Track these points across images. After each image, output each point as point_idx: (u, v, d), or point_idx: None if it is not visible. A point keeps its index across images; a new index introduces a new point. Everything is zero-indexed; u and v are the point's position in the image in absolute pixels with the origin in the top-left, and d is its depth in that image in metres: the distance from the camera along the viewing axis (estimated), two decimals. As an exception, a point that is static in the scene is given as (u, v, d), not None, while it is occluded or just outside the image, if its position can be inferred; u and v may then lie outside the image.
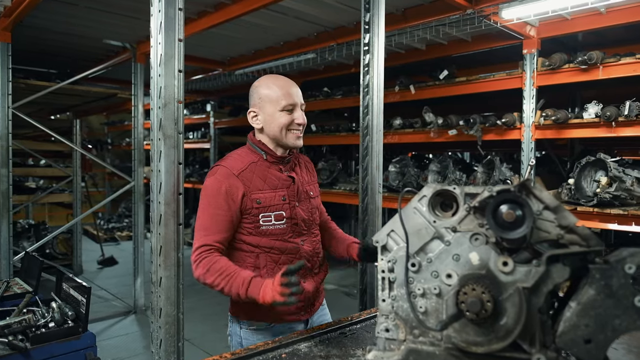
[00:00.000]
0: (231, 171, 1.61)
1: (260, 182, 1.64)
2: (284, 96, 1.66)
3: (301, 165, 1.82)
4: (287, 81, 1.72)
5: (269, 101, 1.67)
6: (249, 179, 1.62)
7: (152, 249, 1.70)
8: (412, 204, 1.11)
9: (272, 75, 1.76)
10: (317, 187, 1.87)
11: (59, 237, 6.58)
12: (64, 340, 2.10)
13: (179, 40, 1.68)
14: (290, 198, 1.67)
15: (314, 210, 1.76)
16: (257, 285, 1.43)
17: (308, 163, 1.89)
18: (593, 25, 3.53)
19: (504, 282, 0.98)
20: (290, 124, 1.66)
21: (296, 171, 1.76)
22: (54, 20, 3.98)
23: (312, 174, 1.87)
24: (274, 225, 1.63)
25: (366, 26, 2.52)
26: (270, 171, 1.67)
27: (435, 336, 1.04)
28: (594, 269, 0.92)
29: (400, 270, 1.09)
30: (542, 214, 0.99)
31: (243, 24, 4.02)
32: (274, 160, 1.69)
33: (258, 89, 1.71)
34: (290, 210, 1.66)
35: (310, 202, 1.75)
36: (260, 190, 1.63)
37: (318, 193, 1.85)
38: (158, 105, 1.65)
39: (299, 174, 1.76)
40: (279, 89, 1.67)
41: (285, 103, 1.65)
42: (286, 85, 1.69)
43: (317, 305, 1.79)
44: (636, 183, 3.43)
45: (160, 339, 1.67)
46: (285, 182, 1.68)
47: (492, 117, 4.13)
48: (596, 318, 0.91)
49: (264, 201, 1.62)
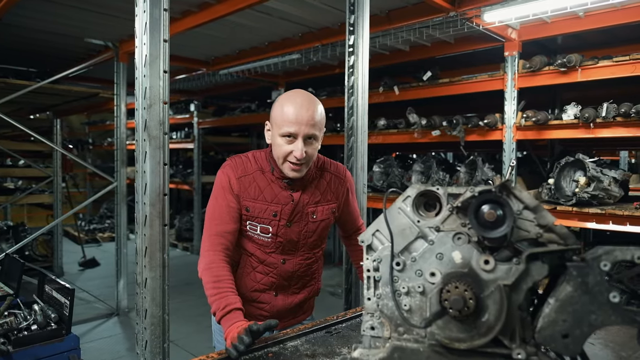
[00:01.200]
0: (235, 172, 1.62)
1: (257, 191, 1.61)
2: (286, 122, 1.51)
3: (321, 181, 1.69)
4: (301, 104, 1.52)
5: (274, 122, 1.57)
6: (246, 185, 1.61)
7: (137, 250, 1.70)
8: (397, 204, 1.13)
9: (294, 93, 1.58)
10: (333, 207, 1.71)
11: (39, 239, 6.46)
12: (47, 343, 2.07)
13: (164, 41, 1.68)
14: (282, 216, 1.61)
15: (309, 234, 1.67)
16: (231, 320, 1.42)
17: (336, 178, 1.73)
18: (572, 28, 3.62)
19: (486, 279, 1.01)
20: (287, 154, 1.54)
21: (305, 189, 1.65)
22: (34, 18, 3.92)
23: (333, 192, 1.71)
24: (259, 235, 1.63)
25: (351, 27, 2.55)
26: (271, 185, 1.62)
27: (419, 333, 1.06)
28: (571, 267, 0.95)
29: (385, 269, 1.11)
30: (522, 213, 1.02)
31: (227, 23, 4.01)
32: (279, 176, 1.62)
33: (274, 104, 1.60)
34: (278, 228, 1.62)
35: (308, 225, 1.66)
36: (254, 200, 1.61)
37: (328, 215, 1.70)
38: (143, 106, 1.64)
39: (308, 193, 1.65)
40: (287, 112, 1.52)
41: (284, 130, 1.52)
42: (297, 110, 1.51)
43: (290, 321, 1.75)
44: (613, 183, 3.52)
45: (146, 340, 1.66)
46: (284, 199, 1.62)
47: (475, 118, 4.20)
48: (573, 314, 0.94)
49: (253, 211, 1.61)
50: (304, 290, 1.77)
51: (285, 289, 1.72)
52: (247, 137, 9.00)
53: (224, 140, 8.80)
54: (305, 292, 1.77)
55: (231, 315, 1.44)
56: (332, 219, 1.74)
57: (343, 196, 1.76)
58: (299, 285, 1.74)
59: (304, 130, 1.52)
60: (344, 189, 1.76)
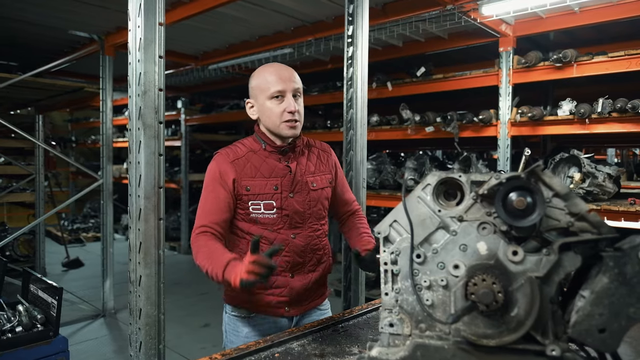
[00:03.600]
0: (227, 157, 1.61)
1: (253, 169, 1.61)
2: (271, 83, 1.59)
3: (310, 155, 1.74)
4: (279, 67, 1.64)
5: (260, 90, 1.62)
6: (242, 165, 1.60)
7: (130, 245, 1.60)
8: (416, 193, 1.06)
9: (268, 64, 1.68)
10: (328, 178, 1.75)
11: (20, 239, 6.26)
12: (34, 345, 1.94)
13: (160, 24, 1.59)
14: (283, 188, 1.61)
15: (313, 203, 1.67)
16: (232, 270, 1.36)
17: (323, 152, 1.79)
18: (567, 24, 3.61)
19: (514, 272, 0.95)
20: (281, 113, 1.59)
21: (299, 161, 1.68)
22: (15, 9, 3.77)
23: (325, 164, 1.76)
24: (263, 214, 1.60)
25: (350, 17, 2.48)
26: (267, 160, 1.63)
27: (442, 330, 0.99)
28: (607, 257, 0.89)
29: (405, 261, 1.04)
30: (551, 201, 0.96)
31: (218, 16, 3.91)
32: (272, 149, 1.65)
33: (252, 79, 1.67)
34: (282, 201, 1.60)
35: (310, 194, 1.66)
36: (252, 178, 1.60)
37: (326, 185, 1.73)
38: (137, 92, 1.55)
39: (302, 164, 1.68)
40: (269, 75, 1.60)
41: (273, 90, 1.59)
42: (276, 71, 1.61)
43: (307, 304, 1.71)
44: (608, 179, 3.52)
45: (140, 341, 1.57)
46: (281, 171, 1.63)
47: (469, 114, 4.17)
48: (610, 307, 0.88)
49: (253, 188, 1.59)
50: (319, 267, 1.71)
51: (301, 267, 1.66)
52: (235, 134, 8.87)
53: (212, 138, 8.65)
54: (320, 269, 1.72)
55: (231, 265, 1.37)
56: (330, 191, 1.76)
57: (333, 169, 1.80)
58: (313, 261, 1.69)
59: (290, 85, 1.60)
60: (332, 162, 1.80)
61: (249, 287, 1.28)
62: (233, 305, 1.67)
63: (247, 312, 1.65)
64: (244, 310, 1.65)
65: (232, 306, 1.68)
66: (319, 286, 1.74)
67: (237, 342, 1.63)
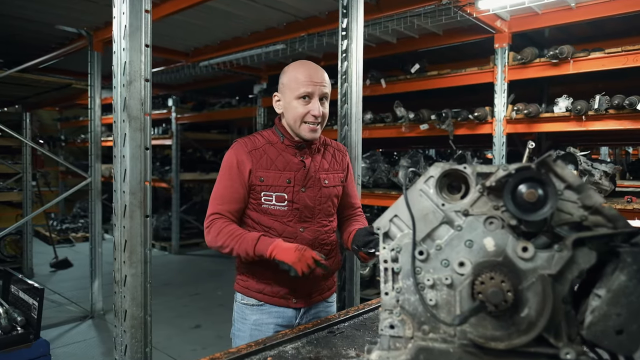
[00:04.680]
0: (245, 147, 1.64)
1: (268, 161, 1.64)
2: (301, 83, 1.60)
3: (326, 153, 1.77)
4: (312, 69, 1.64)
5: (288, 88, 1.63)
6: (258, 156, 1.63)
7: (115, 244, 1.52)
8: (418, 186, 0.99)
9: (302, 61, 1.69)
10: (340, 177, 1.78)
11: (7, 239, 6.13)
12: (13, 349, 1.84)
13: (146, 12, 1.52)
14: (296, 182, 1.64)
15: (324, 200, 1.70)
16: (266, 242, 1.50)
17: (338, 152, 1.82)
18: (562, 20, 3.57)
19: (524, 269, 0.89)
20: (305, 115, 1.61)
21: (314, 157, 1.71)
22: (1, 3, 3.66)
23: (339, 163, 1.80)
24: (274, 206, 1.63)
25: (344, 10, 2.41)
26: (283, 154, 1.66)
27: (447, 332, 0.93)
28: (624, 253, 0.83)
29: (406, 259, 0.97)
30: (563, 193, 0.90)
31: (209, 10, 3.83)
32: (289, 144, 1.68)
33: (283, 74, 1.68)
34: (294, 195, 1.64)
35: (322, 190, 1.69)
36: (266, 169, 1.63)
37: (338, 183, 1.77)
38: (122, 82, 1.48)
39: (317, 161, 1.71)
40: (300, 75, 1.61)
41: (302, 91, 1.60)
42: (309, 71, 1.62)
43: (315, 297, 1.73)
44: (604, 177, 3.49)
45: (125, 344, 1.50)
46: (296, 166, 1.65)
47: (464, 111, 4.12)
48: (628, 306, 0.82)
49: (267, 180, 1.62)
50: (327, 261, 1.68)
51: None
52: (227, 133, 8.77)
53: (204, 136, 8.54)
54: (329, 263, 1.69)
55: (262, 239, 1.52)
56: (340, 189, 1.79)
57: (346, 170, 1.83)
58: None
59: (320, 89, 1.61)
60: (346, 163, 1.84)
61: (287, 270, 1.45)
62: (243, 294, 1.71)
63: (256, 301, 1.68)
64: (252, 299, 1.69)
65: (242, 294, 1.72)
66: (327, 280, 1.78)
67: (244, 329, 1.69)
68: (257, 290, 1.68)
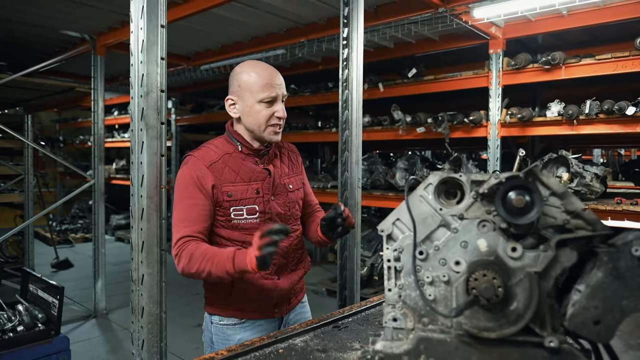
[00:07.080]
0: (202, 162, 1.55)
1: (232, 174, 1.57)
2: (265, 87, 1.56)
3: (282, 156, 1.74)
4: (270, 70, 1.60)
5: (249, 91, 1.57)
6: (219, 170, 1.56)
7: (132, 245, 1.62)
8: (418, 192, 1.10)
9: (255, 62, 1.63)
10: (300, 178, 1.77)
11: (9, 240, 6.19)
12: (35, 345, 1.93)
13: (162, 27, 1.61)
14: (264, 191, 1.60)
15: (292, 205, 1.68)
16: (243, 256, 1.38)
17: (292, 153, 1.80)
18: (555, 27, 3.69)
19: (513, 267, 0.99)
20: (269, 118, 1.57)
21: (274, 163, 1.67)
22: (6, 8, 3.74)
23: (295, 165, 1.78)
24: (246, 219, 1.57)
25: (345, 20, 2.51)
26: (244, 163, 1.60)
27: (445, 323, 1.03)
28: (602, 253, 0.94)
29: (407, 258, 1.08)
30: (548, 199, 1.00)
31: (211, 17, 3.92)
32: (249, 152, 1.62)
33: (238, 76, 1.60)
34: (264, 205, 1.59)
35: (288, 195, 1.67)
36: (232, 183, 1.56)
37: (300, 185, 1.75)
38: (140, 93, 1.57)
39: (278, 167, 1.68)
40: (261, 78, 1.56)
41: (265, 95, 1.56)
42: (269, 74, 1.58)
43: (293, 302, 1.75)
44: (595, 179, 3.61)
45: (143, 339, 1.59)
46: (260, 175, 1.61)
47: (460, 115, 4.23)
48: (605, 300, 0.93)
49: (235, 194, 1.56)
50: (300, 265, 1.75)
51: (285, 268, 1.68)
52: (226, 135, 8.85)
53: (203, 138, 8.62)
54: (301, 267, 1.76)
55: (238, 254, 1.40)
56: (302, 191, 1.77)
57: (301, 169, 1.81)
58: (295, 261, 1.72)
59: (282, 91, 1.60)
60: (299, 162, 1.82)
61: (267, 260, 1.31)
62: (221, 315, 1.65)
63: (238, 320, 1.63)
64: (232, 319, 1.63)
65: (219, 316, 1.65)
66: (301, 284, 1.79)
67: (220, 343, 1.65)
68: (237, 308, 1.62)
